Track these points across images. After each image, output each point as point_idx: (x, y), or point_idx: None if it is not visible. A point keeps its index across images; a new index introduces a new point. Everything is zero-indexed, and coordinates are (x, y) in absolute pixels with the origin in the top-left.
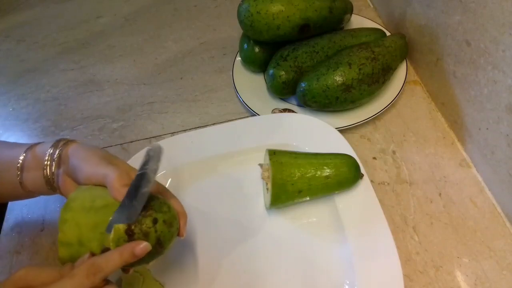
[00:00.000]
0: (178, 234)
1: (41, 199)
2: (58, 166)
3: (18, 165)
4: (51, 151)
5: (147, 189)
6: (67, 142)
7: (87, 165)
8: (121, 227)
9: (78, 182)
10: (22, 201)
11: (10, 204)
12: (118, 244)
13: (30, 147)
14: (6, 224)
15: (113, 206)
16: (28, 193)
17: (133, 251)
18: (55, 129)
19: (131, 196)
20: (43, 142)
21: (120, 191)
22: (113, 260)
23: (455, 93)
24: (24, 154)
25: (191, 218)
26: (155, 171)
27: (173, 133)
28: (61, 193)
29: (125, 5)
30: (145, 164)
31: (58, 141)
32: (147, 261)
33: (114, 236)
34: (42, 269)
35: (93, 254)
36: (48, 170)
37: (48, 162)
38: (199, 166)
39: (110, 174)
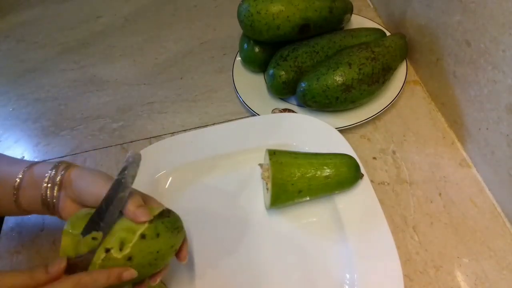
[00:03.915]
0: (179, 258)
1: None
2: (59, 189)
3: (15, 184)
4: (52, 174)
5: (123, 194)
6: (69, 165)
7: (96, 187)
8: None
9: (85, 205)
10: None
11: None
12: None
13: (29, 166)
14: (6, 224)
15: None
16: (22, 211)
17: (120, 276)
18: (55, 129)
19: (108, 201)
20: (42, 161)
21: (136, 213)
22: (99, 280)
23: (455, 93)
24: (22, 173)
25: (191, 218)
26: (133, 177)
27: (173, 133)
28: (60, 216)
29: (125, 5)
30: (123, 170)
31: (59, 164)
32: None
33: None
34: (9, 273)
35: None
36: (48, 192)
37: (49, 185)
38: (199, 166)
39: (130, 201)
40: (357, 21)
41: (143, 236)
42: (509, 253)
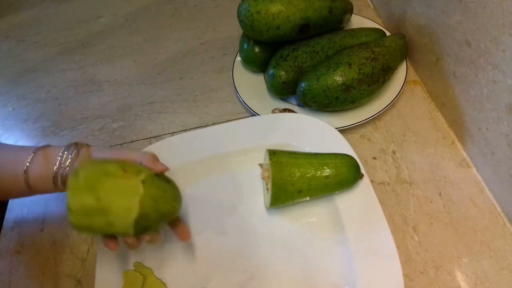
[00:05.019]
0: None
1: (41, 199)
2: (73, 162)
3: (29, 158)
4: (68, 149)
5: None
6: (85, 145)
7: (115, 153)
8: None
9: None
10: (22, 200)
11: (10, 204)
12: None
13: (43, 146)
14: (6, 224)
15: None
16: (28, 190)
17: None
18: (55, 129)
19: None
20: (53, 145)
21: (156, 163)
22: None
23: (455, 93)
24: (35, 151)
25: (191, 217)
26: None
27: (173, 133)
28: (65, 190)
29: (125, 5)
30: None
31: (75, 143)
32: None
33: None
34: None
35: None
36: (61, 164)
37: (64, 157)
38: (199, 166)
39: (145, 155)
40: (357, 21)
41: (156, 175)
42: (509, 253)
